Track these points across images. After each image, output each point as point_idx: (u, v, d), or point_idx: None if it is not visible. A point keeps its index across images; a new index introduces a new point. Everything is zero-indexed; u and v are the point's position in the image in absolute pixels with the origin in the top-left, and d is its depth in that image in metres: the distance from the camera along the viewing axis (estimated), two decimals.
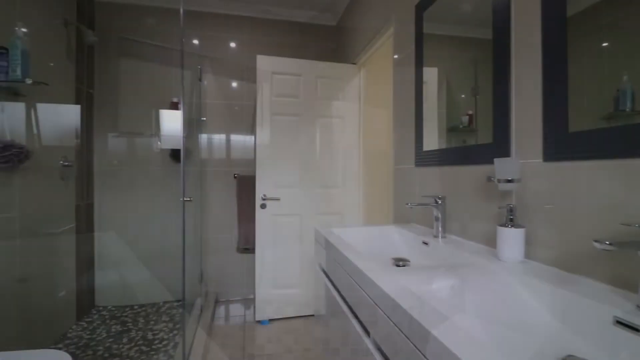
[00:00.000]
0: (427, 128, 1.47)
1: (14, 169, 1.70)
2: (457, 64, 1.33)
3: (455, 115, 1.33)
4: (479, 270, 0.84)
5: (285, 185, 2.40)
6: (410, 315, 0.56)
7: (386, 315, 0.66)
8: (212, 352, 1.97)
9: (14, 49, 1.57)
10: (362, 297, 0.81)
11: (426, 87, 1.49)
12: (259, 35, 2.85)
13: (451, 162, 1.27)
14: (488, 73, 1.07)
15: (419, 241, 1.23)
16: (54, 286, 2.09)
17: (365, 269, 0.82)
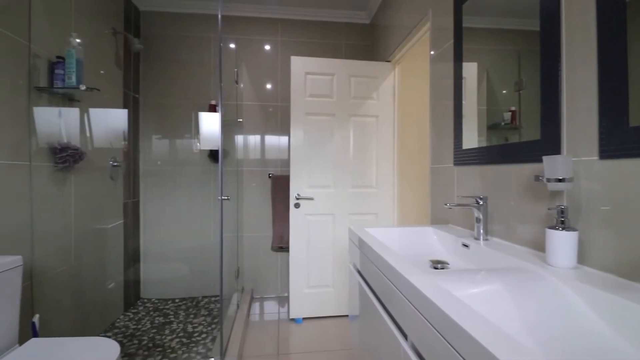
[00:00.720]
0: (466, 126, 1.41)
1: (70, 168, 1.84)
2: (499, 58, 1.26)
3: (496, 112, 1.26)
4: (526, 276, 0.79)
5: (318, 185, 2.41)
6: (454, 322, 0.53)
7: (426, 319, 0.64)
8: (247, 347, 2.02)
9: (70, 58, 1.70)
10: (399, 300, 0.79)
11: (465, 83, 1.43)
12: (293, 37, 2.89)
13: (493, 160, 1.20)
14: (534, 66, 1.01)
15: (458, 243, 1.18)
16: (105, 278, 2.24)
17: (403, 270, 0.80)
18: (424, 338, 0.66)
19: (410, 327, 0.74)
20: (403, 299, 0.77)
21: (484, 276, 0.79)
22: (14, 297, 1.25)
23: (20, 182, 1.52)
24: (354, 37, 2.96)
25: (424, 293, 0.65)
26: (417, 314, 0.68)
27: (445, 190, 1.56)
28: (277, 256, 2.86)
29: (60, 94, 1.76)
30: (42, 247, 1.64)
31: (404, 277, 0.76)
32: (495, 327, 0.50)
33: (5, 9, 1.44)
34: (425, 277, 0.75)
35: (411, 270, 0.80)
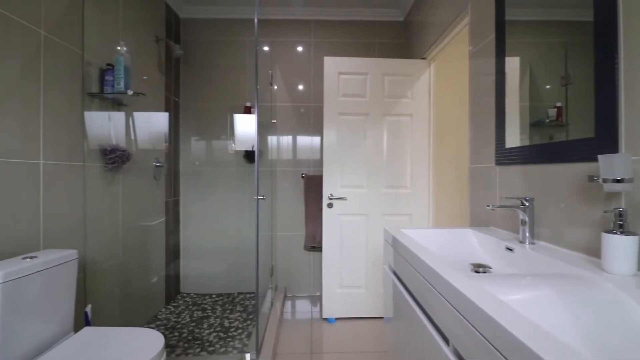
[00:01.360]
0: (508, 124, 1.35)
1: (118, 169, 1.97)
2: (543, 52, 1.19)
3: (539, 109, 1.20)
4: (579, 282, 0.74)
5: (351, 185, 2.40)
6: (505, 329, 0.51)
7: (472, 325, 0.62)
8: (281, 344, 2.05)
9: (118, 65, 1.81)
10: (441, 303, 0.77)
11: (506, 79, 1.36)
12: (325, 37, 2.90)
13: (540, 160, 1.14)
14: (584, 58, 0.94)
15: (501, 246, 1.13)
16: (148, 272, 2.37)
17: (446, 274, 0.77)
18: (468, 344, 0.64)
19: (453, 332, 0.71)
20: (445, 302, 0.75)
21: (532, 281, 0.75)
22: (70, 288, 1.36)
23: (75, 182, 1.65)
24: (387, 36, 2.92)
25: (470, 298, 0.62)
26: (461, 319, 0.66)
27: (485, 191, 1.50)
28: (309, 255, 2.88)
29: (109, 99, 1.88)
30: (94, 242, 1.77)
31: (447, 280, 0.73)
32: (551, 336, 0.47)
33: (62, 22, 1.56)
34: (469, 280, 0.72)
35: (454, 273, 0.78)
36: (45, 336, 1.23)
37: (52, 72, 1.50)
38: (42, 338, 1.21)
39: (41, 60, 1.45)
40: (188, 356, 1.84)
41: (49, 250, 1.35)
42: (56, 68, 1.53)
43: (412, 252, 1.01)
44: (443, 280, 0.76)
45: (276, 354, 1.94)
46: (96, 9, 1.80)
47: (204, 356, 1.85)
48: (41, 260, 1.21)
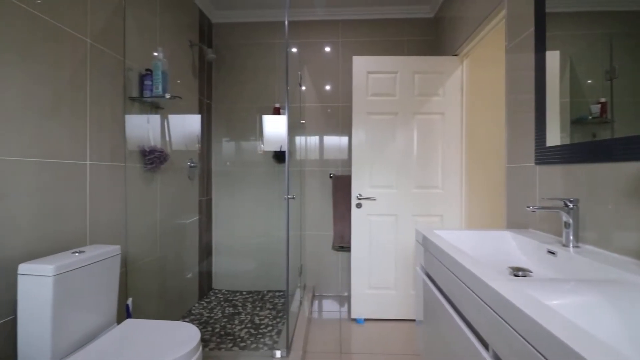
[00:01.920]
0: (548, 121, 1.28)
1: (156, 169, 2.06)
2: (585, 45, 1.12)
3: (581, 105, 1.13)
4: (633, 289, 0.69)
5: (381, 185, 2.38)
6: (553, 335, 0.49)
7: (515, 330, 0.59)
8: (311, 343, 2.07)
9: (156, 70, 1.90)
10: (479, 307, 0.75)
11: (546, 74, 1.30)
12: (353, 37, 2.89)
13: (586, 159, 1.08)
14: (633, 50, 0.88)
15: (542, 250, 1.08)
16: (183, 268, 2.47)
17: (485, 276, 0.75)
18: (510, 350, 0.61)
19: (493, 337, 0.69)
20: (484, 306, 0.72)
21: (577, 286, 0.71)
22: (114, 281, 1.44)
23: (117, 181, 1.74)
24: (417, 33, 2.86)
25: (514, 302, 0.60)
26: (503, 324, 0.64)
27: (524, 192, 1.43)
28: (337, 255, 2.88)
29: (148, 102, 1.98)
30: (134, 239, 1.86)
31: (487, 284, 0.71)
32: (605, 344, 0.44)
33: (106, 30, 1.66)
34: (511, 284, 0.69)
35: (494, 276, 0.75)
36: (91, 326, 1.31)
37: (97, 78, 1.60)
38: (88, 328, 1.29)
39: (87, 67, 1.54)
40: (221, 351, 1.90)
41: (95, 246, 1.43)
42: (100, 74, 1.62)
43: (447, 254, 0.99)
44: (482, 283, 0.74)
45: (306, 352, 1.95)
46: (136, 18, 1.89)
47: (236, 351, 1.90)
48: (88, 254, 1.30)
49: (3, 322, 1.18)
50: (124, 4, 1.80)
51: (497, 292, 0.66)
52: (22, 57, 1.24)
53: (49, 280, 1.12)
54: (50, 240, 1.35)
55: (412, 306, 2.37)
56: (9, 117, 1.19)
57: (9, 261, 1.18)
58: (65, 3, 1.41)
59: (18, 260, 1.19)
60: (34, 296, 1.13)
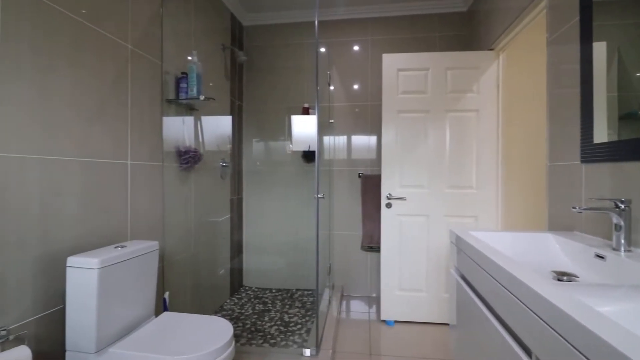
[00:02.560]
0: (595, 117, 1.20)
1: (191, 168, 2.13)
2: (635, 35, 1.04)
3: (631, 99, 1.05)
4: None
5: (411, 185, 2.33)
6: (608, 343, 0.45)
7: (563, 337, 0.56)
8: (340, 343, 2.06)
9: (191, 73, 1.96)
10: (521, 312, 0.71)
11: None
12: (383, 35, 2.85)
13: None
14: None
15: (589, 253, 1.01)
16: (216, 265, 2.54)
17: (526, 279, 0.71)
18: (556, 357, 0.58)
19: (537, 344, 0.65)
20: (527, 311, 0.69)
21: (630, 292, 0.66)
22: (152, 275, 1.51)
23: (155, 180, 1.82)
24: (449, 28, 2.78)
25: (562, 308, 0.57)
26: (549, 331, 0.60)
27: (568, 192, 1.35)
28: (366, 256, 2.86)
29: (184, 104, 2.05)
30: (171, 235, 1.94)
31: (531, 288, 0.67)
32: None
33: (144, 36, 1.74)
34: (556, 288, 0.65)
35: (538, 280, 0.71)
36: (132, 317, 1.38)
37: (137, 82, 1.68)
38: (129, 319, 1.36)
39: (128, 71, 1.63)
40: (252, 346, 1.93)
41: (136, 241, 1.51)
42: (140, 78, 1.71)
43: (485, 256, 0.95)
44: (525, 287, 0.70)
45: (335, 352, 1.95)
46: (172, 23, 1.97)
47: (267, 347, 1.93)
48: (130, 249, 1.36)
49: (54, 311, 1.27)
50: (162, 12, 1.88)
51: (542, 297, 0.63)
52: (71, 63, 1.32)
53: (94, 272, 1.19)
54: (95, 235, 1.43)
55: (444, 309, 2.30)
56: (60, 120, 1.28)
57: (60, 254, 1.27)
58: (108, 12, 1.50)
59: (67, 253, 1.27)
60: (81, 287, 1.20)
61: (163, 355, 1.15)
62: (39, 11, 1.19)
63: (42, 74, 1.21)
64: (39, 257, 1.21)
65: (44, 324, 1.23)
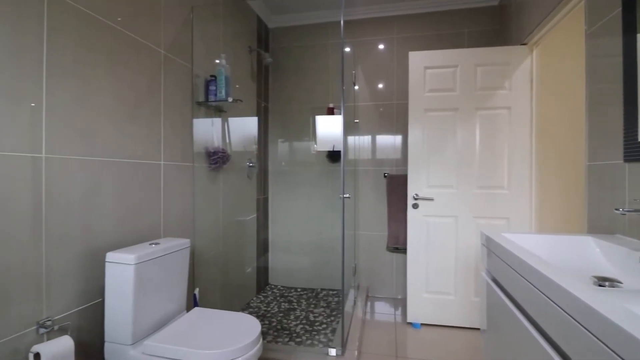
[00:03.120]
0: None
1: (219, 169, 2.19)
2: None
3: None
4: None
5: (439, 185, 2.28)
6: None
7: (611, 349, 0.53)
8: (365, 344, 2.05)
9: (220, 76, 2.02)
10: (561, 319, 0.68)
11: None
12: (409, 32, 2.80)
13: None
14: None
15: (634, 258, 0.95)
16: (243, 263, 2.60)
17: (565, 284, 0.68)
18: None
19: (577, 351, 0.62)
20: (566, 317, 0.66)
21: None
22: (184, 272, 1.56)
23: (186, 180, 1.89)
24: (478, 23, 2.69)
25: (607, 316, 0.54)
26: (590, 338, 0.57)
27: (609, 193, 1.27)
28: (392, 257, 2.82)
29: (212, 106, 2.11)
30: (200, 233, 2.00)
31: (571, 293, 0.64)
32: None
33: (176, 41, 1.80)
34: (599, 294, 0.62)
35: (578, 285, 0.68)
36: (165, 312, 1.44)
37: (169, 86, 1.75)
38: (162, 313, 1.42)
39: (162, 75, 1.69)
40: (278, 344, 1.96)
41: (168, 238, 1.57)
42: (172, 81, 1.77)
43: (520, 259, 0.91)
44: (565, 292, 0.67)
45: (361, 353, 1.94)
46: (202, 28, 2.03)
47: (292, 346, 1.95)
48: (163, 246, 1.42)
49: (94, 304, 1.34)
50: (192, 17, 1.94)
51: (584, 303, 0.60)
52: (109, 70, 1.39)
53: (130, 268, 1.25)
54: (131, 232, 1.50)
55: (473, 313, 2.23)
56: (99, 123, 1.35)
57: (99, 250, 1.34)
58: (142, 19, 1.57)
59: (105, 249, 1.35)
60: (118, 282, 1.26)
61: (195, 349, 1.18)
62: (79, 20, 1.27)
63: (83, 81, 1.29)
64: (81, 253, 1.28)
65: (85, 315, 1.30)
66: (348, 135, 2.86)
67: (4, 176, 1.02)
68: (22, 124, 1.08)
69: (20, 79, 1.07)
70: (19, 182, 1.07)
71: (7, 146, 1.03)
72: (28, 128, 1.09)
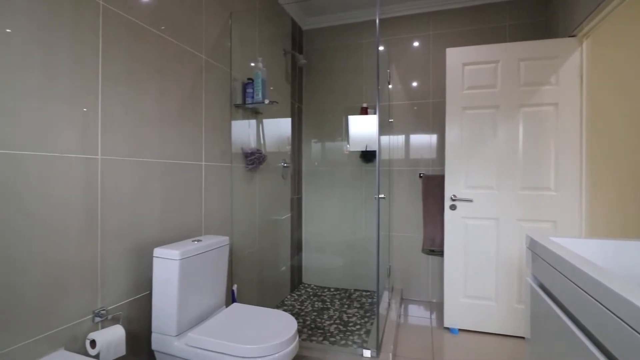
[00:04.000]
0: None
1: (256, 169, 2.25)
2: None
3: None
4: None
5: (478, 186, 2.19)
6: None
7: None
8: (400, 347, 2.01)
9: (257, 79, 2.07)
10: (627, 335, 0.63)
11: None
12: (445, 28, 2.72)
13: None
14: None
15: None
16: (278, 262, 2.65)
17: (631, 296, 0.63)
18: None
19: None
20: (628, 330, 0.61)
21: None
22: (223, 268, 1.62)
23: (224, 180, 1.96)
24: (521, 16, 2.56)
25: None
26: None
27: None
28: (427, 259, 2.75)
29: (250, 108, 2.17)
30: (238, 232, 2.07)
31: (634, 304, 0.60)
32: None
33: (216, 47, 1.88)
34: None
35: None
36: (206, 306, 1.50)
37: (210, 90, 1.82)
38: (203, 308, 1.48)
39: (203, 80, 1.77)
40: (312, 342, 1.98)
41: (209, 236, 1.63)
42: (212, 85, 1.85)
43: (574, 266, 0.86)
44: (629, 306, 0.62)
45: (396, 356, 1.91)
46: (239, 33, 2.10)
47: (327, 345, 1.96)
48: (205, 243, 1.48)
49: (142, 296, 1.42)
50: (230, 23, 2.01)
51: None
52: (156, 77, 1.48)
53: (176, 263, 1.32)
54: (174, 229, 1.58)
55: (516, 321, 2.13)
56: (148, 125, 1.43)
57: (147, 245, 1.43)
58: (185, 27, 1.65)
59: (152, 245, 1.43)
60: (164, 276, 1.34)
61: (236, 343, 1.22)
62: (129, 30, 1.35)
63: (133, 86, 1.37)
64: (131, 248, 1.37)
65: (134, 307, 1.39)
66: (382, 134, 2.83)
67: (65, 176, 1.12)
68: (81, 128, 1.17)
69: (79, 86, 1.16)
70: (78, 182, 1.16)
71: (68, 148, 1.13)
72: (86, 131, 1.19)
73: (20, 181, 0.99)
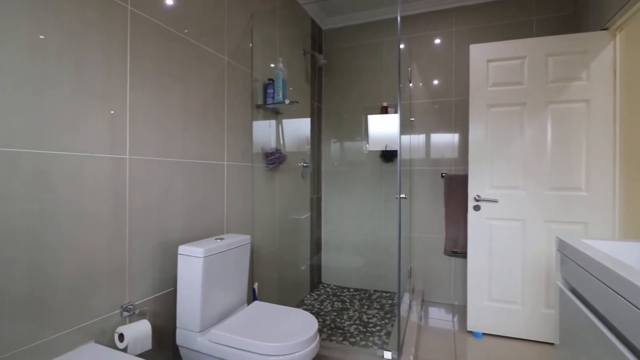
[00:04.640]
0: None
1: (276, 169, 2.27)
2: None
3: None
4: None
5: (503, 186, 2.13)
6: None
7: None
8: (422, 350, 1.98)
9: (277, 79, 2.09)
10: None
11: None
12: (469, 25, 2.66)
13: None
14: None
15: None
16: (297, 261, 2.66)
17: None
18: None
19: None
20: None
21: None
22: (245, 266, 1.64)
23: (246, 179, 1.98)
24: (548, 9, 2.47)
25: None
26: None
27: None
28: (450, 261, 2.70)
29: (270, 108, 2.20)
30: (259, 230, 2.09)
31: None
32: None
33: (237, 48, 1.91)
34: None
35: None
36: (228, 304, 1.52)
37: (232, 90, 1.85)
38: (226, 305, 1.50)
39: (225, 81, 1.80)
40: (332, 342, 1.97)
41: (231, 234, 1.66)
42: (234, 86, 1.88)
43: (612, 270, 0.82)
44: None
45: (417, 359, 1.88)
46: (260, 34, 2.12)
47: (347, 345, 1.95)
48: (227, 241, 1.51)
49: (167, 292, 1.46)
50: (251, 25, 2.03)
51: None
52: (181, 78, 1.52)
53: (199, 260, 1.35)
54: (198, 227, 1.62)
55: (543, 326, 2.05)
56: (172, 125, 1.47)
57: (172, 243, 1.46)
58: (208, 30, 1.68)
59: (177, 242, 1.46)
60: (188, 273, 1.37)
61: (257, 341, 1.24)
62: (156, 33, 1.39)
63: (159, 88, 1.41)
64: (157, 245, 1.41)
65: (160, 302, 1.43)
66: (402, 134, 2.79)
67: (96, 175, 1.16)
68: (110, 128, 1.21)
69: (108, 88, 1.21)
70: (108, 180, 1.21)
71: (99, 148, 1.17)
72: (115, 132, 1.23)
73: (55, 179, 1.04)
